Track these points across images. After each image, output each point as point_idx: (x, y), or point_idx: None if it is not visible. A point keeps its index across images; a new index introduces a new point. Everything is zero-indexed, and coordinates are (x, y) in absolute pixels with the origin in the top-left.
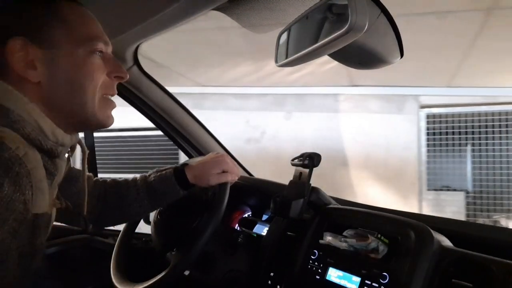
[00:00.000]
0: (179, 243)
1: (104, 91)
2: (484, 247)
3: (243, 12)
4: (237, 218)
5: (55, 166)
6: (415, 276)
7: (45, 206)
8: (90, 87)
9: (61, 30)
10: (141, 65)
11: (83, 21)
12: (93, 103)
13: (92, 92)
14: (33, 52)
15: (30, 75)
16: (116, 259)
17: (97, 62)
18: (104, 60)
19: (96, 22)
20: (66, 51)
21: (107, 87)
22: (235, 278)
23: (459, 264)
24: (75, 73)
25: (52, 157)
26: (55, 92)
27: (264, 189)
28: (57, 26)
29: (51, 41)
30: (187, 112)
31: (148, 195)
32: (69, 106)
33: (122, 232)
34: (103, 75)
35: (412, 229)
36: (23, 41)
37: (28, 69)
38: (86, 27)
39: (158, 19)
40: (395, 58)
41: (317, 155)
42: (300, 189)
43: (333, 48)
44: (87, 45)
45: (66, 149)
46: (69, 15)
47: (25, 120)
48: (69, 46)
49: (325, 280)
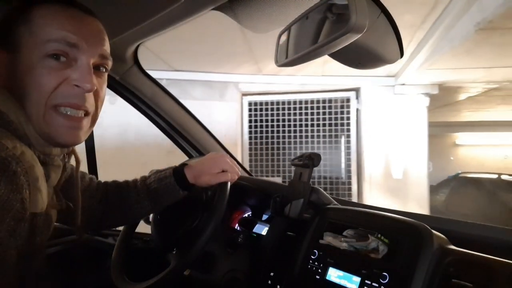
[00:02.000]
0: (179, 243)
1: (59, 101)
2: (484, 247)
3: (243, 12)
4: (237, 218)
5: (48, 170)
6: (415, 276)
7: (42, 205)
8: (34, 94)
9: (24, 32)
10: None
11: (47, 21)
12: (39, 115)
13: (37, 101)
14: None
15: None
16: (116, 259)
17: (50, 66)
18: (67, 64)
19: (70, 24)
20: (23, 54)
21: (64, 97)
22: (235, 278)
23: (459, 264)
24: (24, 79)
25: (43, 164)
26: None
27: (264, 189)
28: (22, 28)
29: (14, 44)
30: (187, 111)
31: (149, 196)
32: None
33: (122, 232)
34: (55, 82)
35: (412, 229)
36: None
37: None
38: (49, 28)
39: (158, 19)
40: (395, 58)
41: (317, 155)
42: (300, 189)
43: (333, 48)
44: (42, 47)
45: (57, 157)
46: (36, 16)
47: (16, 124)
48: (26, 49)
49: (325, 280)
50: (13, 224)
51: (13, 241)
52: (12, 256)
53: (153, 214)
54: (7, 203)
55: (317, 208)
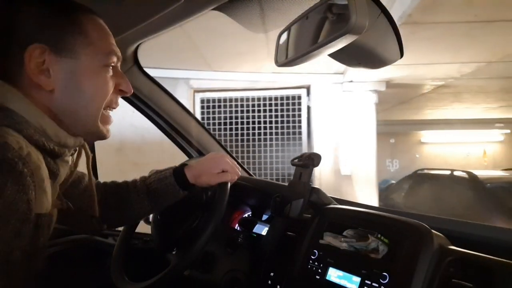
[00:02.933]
0: (179, 243)
1: (108, 103)
2: (484, 247)
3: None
4: (237, 218)
5: (57, 166)
6: (415, 276)
7: (47, 206)
8: (99, 99)
9: (81, 42)
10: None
11: (101, 34)
12: (97, 115)
13: (99, 104)
14: (50, 60)
15: (44, 82)
16: (116, 259)
17: (109, 75)
18: (114, 73)
19: (112, 37)
20: (83, 62)
21: (111, 101)
22: (235, 278)
23: (459, 264)
24: (89, 84)
25: (54, 157)
26: (65, 101)
27: (264, 189)
28: (78, 37)
29: (69, 51)
30: (187, 111)
31: (148, 196)
32: (79, 115)
33: (122, 232)
34: (112, 89)
35: (412, 229)
36: (42, 49)
37: (42, 76)
38: (104, 41)
39: (158, 19)
40: (395, 58)
41: (317, 155)
42: (300, 189)
43: (333, 48)
44: (103, 58)
45: (69, 150)
46: (90, 27)
47: (27, 122)
48: (87, 57)
49: (325, 280)
50: (18, 225)
51: (17, 242)
52: (16, 257)
53: (153, 214)
54: (13, 204)
55: (317, 208)
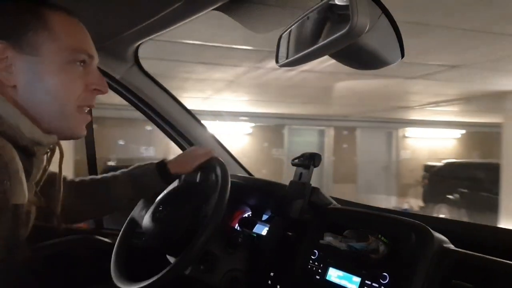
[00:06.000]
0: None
1: (81, 102)
2: (485, 248)
3: (244, 12)
4: (237, 218)
5: (31, 164)
6: (415, 276)
7: (24, 196)
8: (65, 96)
9: (45, 38)
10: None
11: (68, 31)
12: (68, 113)
13: (66, 101)
14: (12, 56)
15: (5, 78)
16: (116, 259)
17: (77, 72)
18: (85, 71)
19: (84, 35)
20: (46, 58)
21: (85, 99)
22: (235, 278)
23: (459, 265)
24: (52, 81)
25: (28, 155)
26: (30, 97)
27: (264, 189)
28: (42, 33)
29: (32, 47)
30: (187, 111)
31: (130, 182)
32: (45, 112)
33: (122, 232)
34: (82, 86)
35: (412, 229)
36: (3, 45)
37: (4, 72)
38: (72, 37)
39: (158, 19)
40: (396, 59)
41: (317, 155)
42: (300, 189)
43: (334, 48)
44: (69, 55)
45: (44, 149)
46: (56, 24)
47: (1, 117)
48: (51, 54)
49: (325, 280)
50: None
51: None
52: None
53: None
54: None
55: (317, 208)
